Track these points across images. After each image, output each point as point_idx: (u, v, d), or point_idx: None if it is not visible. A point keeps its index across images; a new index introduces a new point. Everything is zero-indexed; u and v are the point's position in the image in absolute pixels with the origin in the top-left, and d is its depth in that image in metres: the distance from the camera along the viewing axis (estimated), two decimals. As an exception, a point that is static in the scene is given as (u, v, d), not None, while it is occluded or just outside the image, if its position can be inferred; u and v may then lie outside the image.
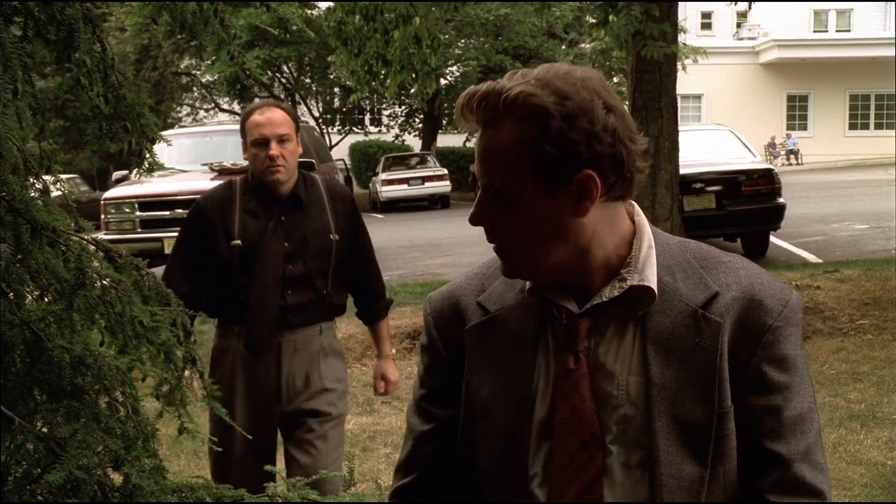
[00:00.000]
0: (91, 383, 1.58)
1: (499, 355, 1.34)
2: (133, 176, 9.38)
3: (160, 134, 1.94)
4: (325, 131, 28.21)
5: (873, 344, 6.76)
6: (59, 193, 1.74)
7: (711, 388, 1.24)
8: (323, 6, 17.33)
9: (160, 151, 2.19)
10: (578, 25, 26.29)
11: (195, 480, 1.74)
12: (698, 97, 34.56)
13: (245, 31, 23.15)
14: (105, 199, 9.74)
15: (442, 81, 25.39)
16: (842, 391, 5.70)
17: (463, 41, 27.00)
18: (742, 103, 33.97)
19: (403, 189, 23.41)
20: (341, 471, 3.00)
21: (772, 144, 33.86)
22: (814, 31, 36.78)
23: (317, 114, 29.41)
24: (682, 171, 9.02)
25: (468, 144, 27.78)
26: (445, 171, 23.97)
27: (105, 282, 1.60)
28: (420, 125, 29.96)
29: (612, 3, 8.47)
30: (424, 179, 23.53)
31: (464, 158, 28.18)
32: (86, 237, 1.64)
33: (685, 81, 16.51)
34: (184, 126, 19.32)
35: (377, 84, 11.06)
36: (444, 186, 23.57)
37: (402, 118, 30.84)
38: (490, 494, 1.33)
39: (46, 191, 1.65)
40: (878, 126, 34.99)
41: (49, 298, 1.59)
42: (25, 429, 1.53)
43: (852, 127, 35.36)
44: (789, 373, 1.27)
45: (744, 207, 9.83)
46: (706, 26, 36.96)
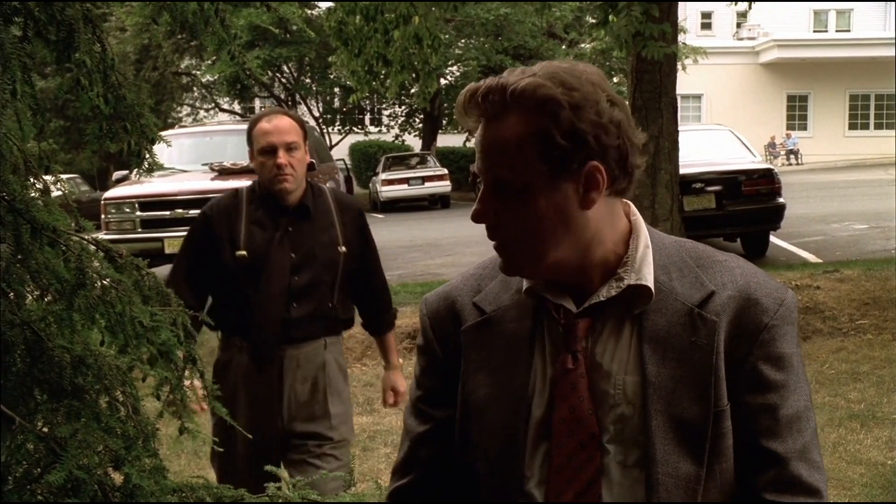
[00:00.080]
0: (91, 383, 1.58)
1: (495, 356, 1.33)
2: (133, 176, 9.37)
3: (160, 134, 1.94)
4: (325, 131, 28.21)
5: (873, 344, 6.77)
6: (60, 193, 1.74)
7: (708, 387, 1.24)
8: (323, 6, 17.34)
9: (160, 151, 2.18)
10: (578, 25, 26.28)
11: (195, 480, 1.74)
12: (698, 97, 34.55)
13: (245, 31, 23.17)
14: (105, 199, 9.74)
15: (442, 81, 25.37)
16: (842, 391, 5.70)
17: (463, 41, 26.98)
18: (742, 103, 33.95)
19: (403, 189, 23.40)
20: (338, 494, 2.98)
21: (772, 144, 33.84)
22: (814, 31, 36.77)
23: (317, 114, 29.40)
24: (682, 171, 9.01)
25: (468, 144, 27.75)
26: (445, 171, 23.96)
27: (105, 282, 1.60)
28: (420, 125, 29.96)
29: (612, 4, 8.47)
30: (424, 179, 23.52)
31: (464, 158, 28.18)
32: (86, 237, 1.64)
33: (685, 81, 16.52)
34: (184, 126, 19.31)
35: (377, 84, 11.06)
36: (445, 186, 23.57)
37: (403, 118, 30.82)
38: (487, 495, 1.33)
39: (47, 191, 1.64)
40: (878, 126, 34.97)
41: (49, 298, 1.59)
42: (26, 428, 1.53)
43: (852, 127, 35.34)
44: (785, 371, 1.27)
45: (744, 207, 9.84)
46: (706, 26, 36.95)
